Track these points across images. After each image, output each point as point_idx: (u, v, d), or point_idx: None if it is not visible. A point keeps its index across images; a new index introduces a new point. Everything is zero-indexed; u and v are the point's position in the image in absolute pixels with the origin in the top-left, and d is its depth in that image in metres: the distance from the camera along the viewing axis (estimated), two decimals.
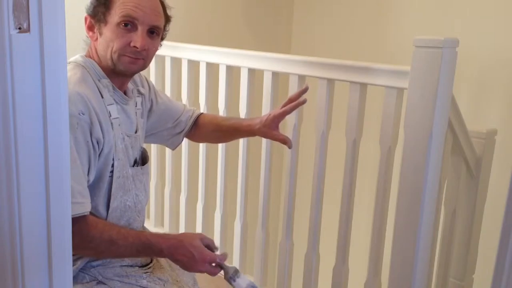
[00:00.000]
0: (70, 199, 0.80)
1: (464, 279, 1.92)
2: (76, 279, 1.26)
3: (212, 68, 2.09)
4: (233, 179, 2.10)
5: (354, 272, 1.79)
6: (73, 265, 1.26)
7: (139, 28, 1.27)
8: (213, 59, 2.03)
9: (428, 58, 1.33)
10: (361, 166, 1.68)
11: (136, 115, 1.41)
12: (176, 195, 2.35)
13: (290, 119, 1.81)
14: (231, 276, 1.28)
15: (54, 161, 0.74)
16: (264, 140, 1.92)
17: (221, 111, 2.05)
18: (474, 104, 2.52)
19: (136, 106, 1.42)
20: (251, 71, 1.93)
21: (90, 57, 1.32)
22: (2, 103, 0.69)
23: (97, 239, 1.20)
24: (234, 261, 2.15)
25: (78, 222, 1.15)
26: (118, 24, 1.26)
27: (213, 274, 1.27)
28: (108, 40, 1.27)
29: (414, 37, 1.35)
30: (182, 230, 2.33)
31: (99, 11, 1.28)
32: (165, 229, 2.41)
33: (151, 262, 1.40)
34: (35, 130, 0.72)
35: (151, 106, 1.54)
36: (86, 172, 1.22)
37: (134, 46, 1.26)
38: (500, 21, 2.41)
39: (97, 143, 1.23)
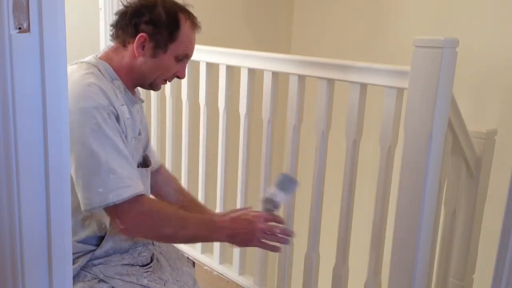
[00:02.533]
0: (70, 200, 0.80)
1: (464, 279, 1.92)
2: (77, 277, 1.27)
3: (212, 68, 2.09)
4: (233, 179, 2.10)
5: (354, 272, 1.79)
6: (75, 263, 1.26)
7: (186, 61, 1.38)
8: (213, 59, 2.03)
9: (428, 58, 1.33)
10: (361, 166, 1.68)
11: (139, 117, 1.43)
12: None
13: (290, 119, 1.81)
14: (271, 204, 1.31)
15: (54, 161, 0.74)
16: (264, 140, 1.92)
17: (221, 111, 2.05)
18: (474, 104, 2.52)
19: (138, 112, 1.43)
20: (251, 71, 1.93)
21: (105, 60, 1.33)
22: (2, 103, 0.69)
23: (174, 218, 1.25)
24: (234, 261, 2.15)
25: (135, 201, 1.19)
26: (177, 58, 1.34)
27: (272, 230, 1.28)
28: (161, 66, 1.33)
29: (414, 37, 1.35)
30: None
31: (162, 38, 1.30)
32: None
33: (151, 261, 1.40)
34: (35, 130, 0.72)
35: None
36: (129, 156, 1.24)
37: (178, 76, 1.38)
38: (500, 21, 2.41)
39: (122, 132, 1.26)
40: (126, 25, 1.31)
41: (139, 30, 1.29)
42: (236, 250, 2.12)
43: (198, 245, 2.29)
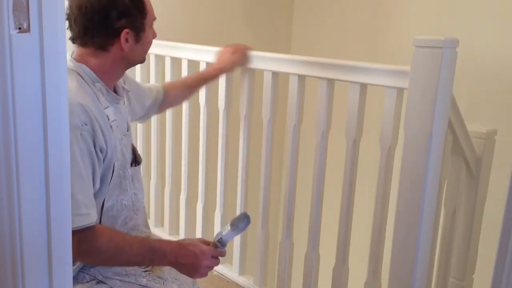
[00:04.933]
0: (70, 200, 0.80)
1: (464, 279, 1.92)
2: (76, 279, 1.26)
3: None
4: (233, 179, 2.10)
5: (354, 272, 1.79)
6: (73, 265, 1.26)
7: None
8: (213, 59, 2.03)
9: (428, 58, 1.33)
10: (361, 166, 1.68)
11: (126, 112, 1.42)
12: (176, 195, 2.35)
13: (290, 119, 1.81)
14: (219, 240, 1.32)
15: (54, 161, 0.74)
16: (264, 140, 1.92)
17: (221, 111, 2.05)
18: (474, 104, 2.52)
19: (124, 103, 1.42)
20: (251, 71, 1.93)
21: (83, 63, 1.29)
22: (2, 103, 0.69)
23: (104, 248, 1.21)
24: (234, 261, 2.15)
25: (84, 232, 1.16)
26: (150, 26, 1.35)
27: (216, 263, 1.33)
28: (146, 44, 1.35)
29: (414, 37, 1.35)
30: (182, 230, 2.33)
31: (138, 21, 1.29)
32: (165, 229, 2.41)
33: None
34: (35, 130, 0.72)
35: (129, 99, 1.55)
36: (92, 182, 1.22)
37: (154, 38, 1.40)
38: (500, 21, 2.41)
39: (101, 151, 1.23)
40: (100, 32, 1.25)
41: (116, 29, 1.25)
42: (236, 250, 2.12)
43: None
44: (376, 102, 1.74)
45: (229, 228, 1.31)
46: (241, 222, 1.32)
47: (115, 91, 1.37)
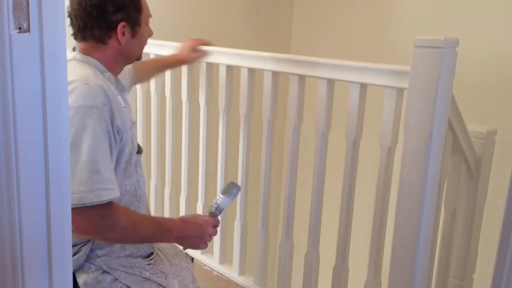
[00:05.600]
0: (70, 200, 0.80)
1: (464, 279, 1.92)
2: (82, 268, 1.28)
3: (212, 68, 2.09)
4: (233, 179, 2.10)
5: (354, 272, 1.79)
6: (79, 252, 1.27)
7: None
8: (213, 59, 2.03)
9: (428, 58, 1.33)
10: (361, 166, 1.68)
11: (129, 103, 1.47)
12: (176, 195, 2.35)
13: (290, 119, 1.81)
14: (216, 208, 1.43)
15: (54, 161, 0.74)
16: (264, 140, 1.92)
17: (221, 111, 2.05)
18: (474, 104, 2.52)
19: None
20: (251, 71, 1.93)
21: (88, 56, 1.36)
22: (2, 103, 0.69)
23: (123, 223, 1.26)
24: (234, 261, 2.15)
25: (107, 207, 1.21)
26: (146, 23, 1.42)
27: (216, 233, 1.42)
28: (142, 39, 1.42)
29: (414, 37, 1.35)
30: None
31: (133, 15, 1.37)
32: None
33: (152, 254, 1.42)
34: (35, 130, 0.72)
35: None
36: (113, 159, 1.27)
37: (149, 36, 1.47)
38: (500, 21, 2.41)
39: (117, 132, 1.27)
40: (99, 24, 1.33)
41: (113, 22, 1.33)
42: (236, 250, 2.12)
43: None
44: (376, 102, 1.74)
45: (222, 196, 1.42)
46: (233, 189, 1.45)
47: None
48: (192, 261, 1.56)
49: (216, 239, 2.18)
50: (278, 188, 3.08)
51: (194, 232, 1.36)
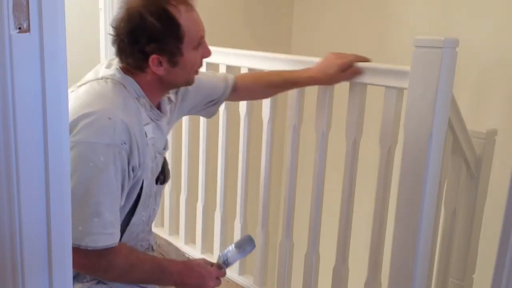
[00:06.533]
0: (70, 199, 0.80)
1: (464, 279, 1.92)
2: (76, 278, 1.27)
3: (212, 68, 2.09)
4: (233, 179, 2.10)
5: (354, 272, 1.79)
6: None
7: (204, 41, 1.32)
8: (213, 59, 2.02)
9: (428, 58, 1.33)
10: (361, 166, 1.68)
11: (165, 130, 1.39)
12: (176, 195, 2.35)
13: (290, 119, 1.81)
14: (224, 262, 1.35)
15: (54, 162, 0.74)
16: (264, 139, 1.92)
17: (221, 111, 2.05)
18: (474, 104, 2.52)
19: (167, 122, 1.40)
20: (251, 71, 1.93)
21: (129, 75, 1.27)
22: (2, 103, 0.69)
23: (120, 265, 1.23)
24: None
25: (105, 250, 1.17)
26: (195, 47, 1.28)
27: (219, 284, 1.36)
28: (187, 66, 1.28)
29: (414, 37, 1.35)
30: (182, 230, 2.33)
31: (171, 46, 1.23)
32: (165, 229, 2.41)
33: None
34: (35, 130, 0.72)
35: (183, 98, 1.51)
36: (120, 200, 1.22)
37: (205, 57, 1.34)
38: (500, 21, 2.41)
39: (133, 170, 1.22)
40: (132, 53, 1.22)
41: (146, 52, 1.21)
42: None
43: (198, 245, 2.29)
44: (376, 102, 1.74)
45: (234, 249, 1.33)
46: (247, 245, 1.35)
47: (158, 107, 1.35)
48: None
49: (216, 239, 2.18)
50: (278, 188, 3.08)
51: (195, 281, 1.30)
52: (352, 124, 1.62)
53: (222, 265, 1.35)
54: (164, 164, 1.42)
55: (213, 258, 2.23)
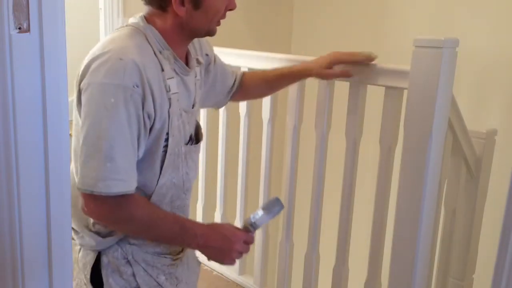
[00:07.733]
0: (70, 199, 0.80)
1: (464, 279, 1.92)
2: (109, 249, 1.23)
3: None
4: (233, 179, 2.10)
5: (354, 272, 1.79)
6: (111, 235, 1.22)
7: None
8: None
9: (428, 58, 1.33)
10: (361, 166, 1.68)
11: (195, 86, 1.33)
12: None
13: (290, 119, 1.81)
14: (251, 224, 1.27)
15: (54, 161, 0.74)
16: (264, 139, 1.92)
17: (221, 111, 2.05)
18: (474, 104, 2.52)
19: (195, 76, 1.33)
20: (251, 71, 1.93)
21: (152, 24, 1.21)
22: (2, 103, 0.69)
23: (138, 218, 1.18)
24: None
25: (120, 199, 1.12)
26: None
27: (247, 250, 1.28)
28: (210, 12, 1.22)
29: (414, 37, 1.35)
30: None
31: None
32: None
33: (182, 251, 1.34)
34: (35, 130, 0.72)
35: (209, 65, 1.46)
36: (137, 148, 1.15)
37: (230, 9, 1.29)
38: (500, 21, 2.41)
39: (148, 117, 1.15)
40: None
41: None
42: None
43: None
44: (376, 102, 1.74)
45: (262, 212, 1.26)
46: (275, 206, 1.28)
47: (186, 61, 1.29)
48: (199, 265, 1.48)
49: None
50: (278, 188, 3.08)
51: (220, 244, 1.23)
52: (352, 124, 1.62)
53: (249, 228, 1.26)
54: (198, 126, 1.37)
55: None
